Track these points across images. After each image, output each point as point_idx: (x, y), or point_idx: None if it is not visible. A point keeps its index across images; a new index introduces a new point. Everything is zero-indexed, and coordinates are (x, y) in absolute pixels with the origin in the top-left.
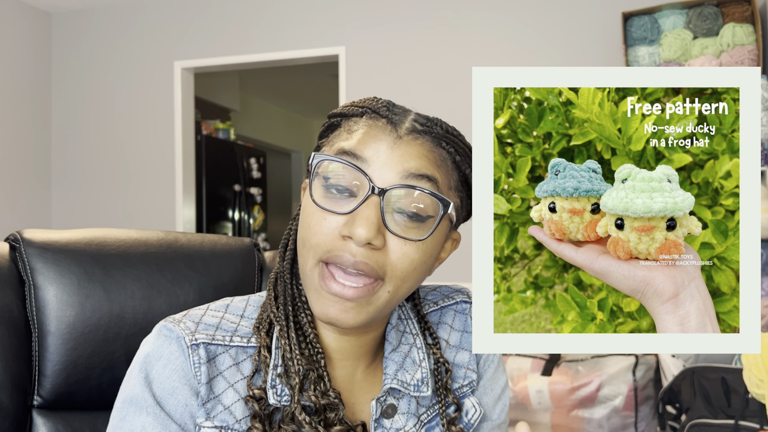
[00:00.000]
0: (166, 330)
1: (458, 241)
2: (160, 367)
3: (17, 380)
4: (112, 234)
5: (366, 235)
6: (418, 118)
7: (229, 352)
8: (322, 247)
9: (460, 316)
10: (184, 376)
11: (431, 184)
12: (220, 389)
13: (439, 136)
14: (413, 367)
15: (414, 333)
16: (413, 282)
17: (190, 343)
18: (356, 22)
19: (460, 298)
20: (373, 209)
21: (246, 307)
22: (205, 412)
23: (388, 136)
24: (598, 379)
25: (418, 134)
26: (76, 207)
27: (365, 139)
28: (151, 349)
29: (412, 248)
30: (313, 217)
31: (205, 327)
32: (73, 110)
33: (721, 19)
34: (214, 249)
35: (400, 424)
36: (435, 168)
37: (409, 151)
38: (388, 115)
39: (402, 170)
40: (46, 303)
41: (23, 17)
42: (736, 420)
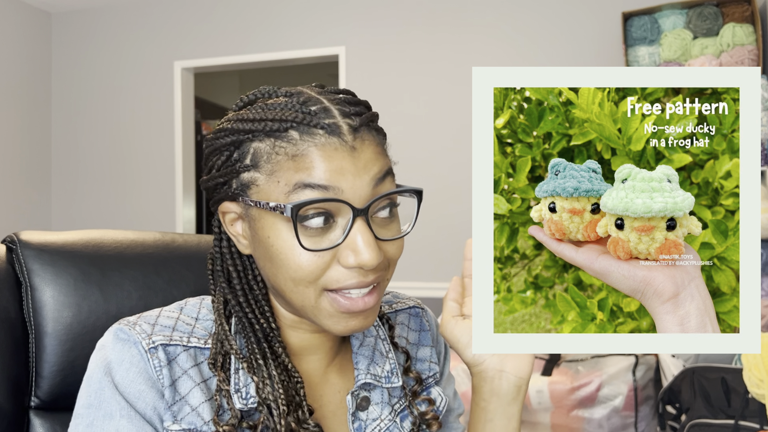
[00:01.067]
0: (123, 334)
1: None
2: (123, 371)
3: (14, 381)
4: (109, 235)
5: (375, 259)
6: (341, 110)
7: (189, 351)
8: (323, 280)
9: (415, 318)
10: (149, 379)
11: (391, 177)
12: (186, 389)
13: (366, 120)
14: (382, 359)
15: (375, 325)
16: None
17: (148, 347)
18: (356, 22)
19: (412, 304)
20: (366, 231)
21: (200, 309)
22: (172, 415)
23: (342, 151)
24: (598, 379)
25: (359, 133)
26: (75, 207)
27: (322, 165)
28: (111, 354)
29: (402, 239)
30: (303, 257)
31: (161, 328)
32: (73, 110)
33: (721, 19)
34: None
35: (375, 414)
36: (384, 156)
37: (367, 157)
38: (320, 123)
39: (370, 179)
40: (43, 304)
41: (23, 17)
42: (736, 420)
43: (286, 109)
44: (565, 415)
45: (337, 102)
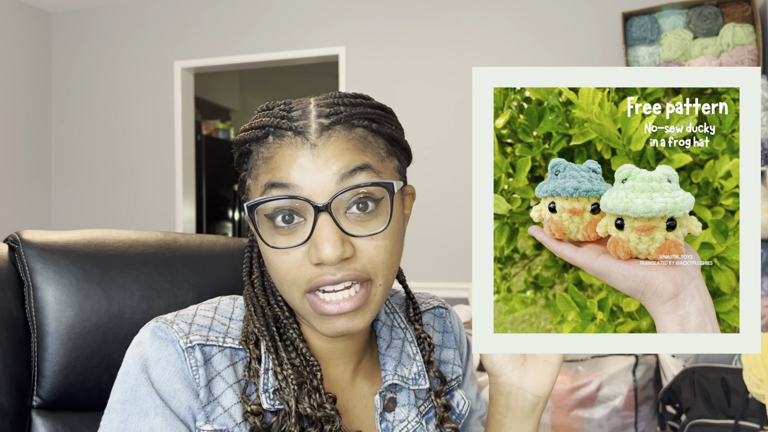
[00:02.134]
0: (161, 332)
1: (414, 193)
2: (160, 369)
3: (16, 381)
4: (111, 235)
5: (335, 253)
6: (320, 111)
7: (224, 352)
8: (301, 280)
9: (439, 319)
10: (185, 378)
11: (366, 172)
12: (219, 390)
13: (347, 117)
14: (409, 361)
15: (403, 327)
16: (396, 264)
17: (186, 345)
18: (356, 22)
19: (437, 304)
20: (329, 226)
21: (234, 309)
22: (205, 415)
23: (302, 149)
24: (598, 379)
25: (329, 130)
26: (76, 207)
27: (285, 164)
28: (148, 352)
29: (380, 239)
30: (277, 258)
31: (198, 328)
32: (73, 110)
33: (721, 19)
34: (212, 249)
35: (402, 415)
36: (361, 153)
37: (330, 153)
38: (291, 126)
39: (332, 174)
40: (45, 303)
41: (23, 17)
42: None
43: (266, 116)
44: (565, 415)
45: (325, 105)
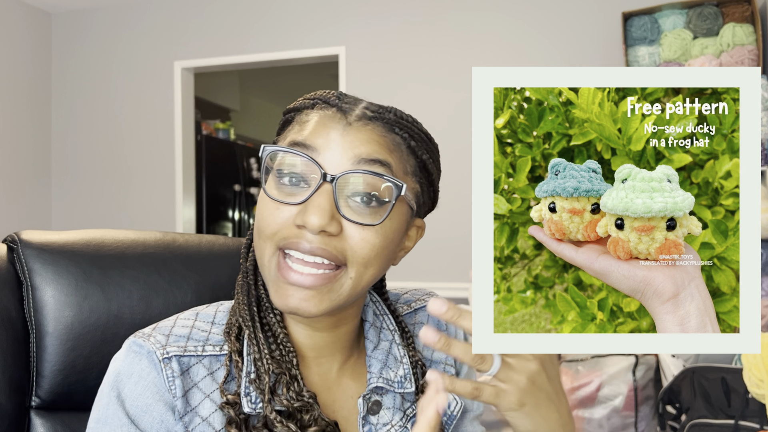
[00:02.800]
0: (136, 346)
1: (423, 229)
2: (132, 385)
3: (15, 381)
4: (110, 235)
5: (319, 222)
6: (369, 105)
7: (202, 362)
8: (278, 236)
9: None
10: (158, 392)
11: (384, 168)
12: (197, 401)
13: (391, 121)
14: (396, 364)
15: (391, 329)
16: (376, 269)
17: (162, 357)
18: (356, 22)
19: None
20: (326, 197)
21: (216, 313)
22: (183, 426)
23: (338, 123)
24: (598, 379)
25: (368, 120)
26: (76, 207)
27: (316, 129)
28: (121, 367)
29: (371, 233)
30: (267, 208)
31: (176, 339)
32: (73, 110)
33: (721, 19)
34: (211, 249)
35: (386, 419)
36: (387, 153)
37: (359, 137)
38: (338, 104)
39: (353, 156)
40: (44, 304)
41: (23, 17)
42: (736, 420)
43: (321, 91)
44: None
45: (377, 106)
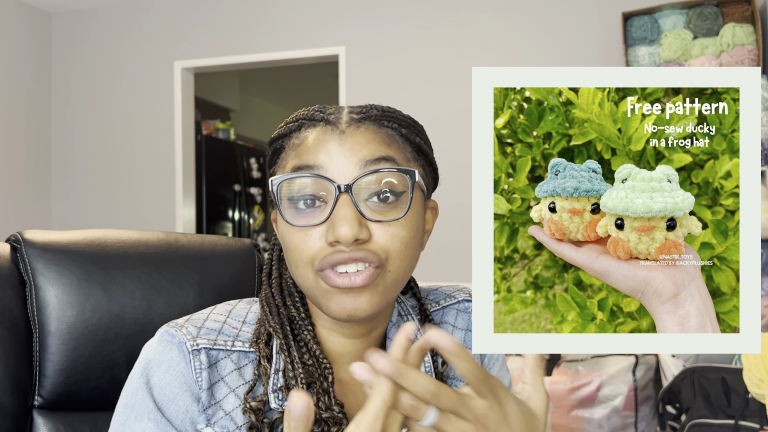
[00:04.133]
0: (168, 335)
1: (437, 209)
2: (161, 373)
3: (18, 380)
4: (113, 235)
5: (350, 232)
6: (352, 109)
7: (231, 357)
8: (315, 261)
9: (463, 315)
10: (185, 382)
11: (390, 162)
12: (222, 395)
13: (378, 117)
14: None
15: (417, 329)
16: (411, 259)
17: (192, 348)
18: (356, 22)
19: (462, 297)
20: (348, 207)
21: (248, 313)
22: (206, 418)
23: (332, 134)
24: (598, 379)
25: (358, 123)
26: (76, 207)
27: (313, 147)
28: (152, 355)
29: (398, 227)
30: (294, 237)
31: (207, 332)
32: (73, 110)
33: (721, 19)
34: (214, 250)
35: None
36: (386, 147)
37: (357, 141)
38: (323, 117)
39: (357, 160)
40: (47, 303)
41: (23, 17)
42: (736, 420)
43: (300, 112)
44: (565, 415)
45: (358, 107)
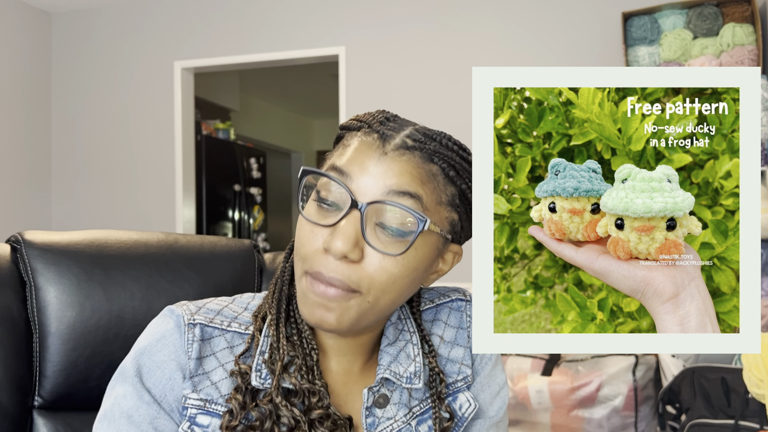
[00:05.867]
0: (168, 311)
1: (460, 255)
2: (154, 341)
3: (17, 381)
4: (113, 235)
5: (342, 248)
6: (413, 133)
7: (225, 336)
8: (306, 259)
9: (455, 313)
10: (174, 352)
11: (413, 200)
12: (211, 367)
13: (431, 151)
14: (407, 360)
15: (411, 331)
16: (395, 294)
17: (188, 321)
18: (356, 22)
19: (456, 296)
20: (352, 223)
21: (252, 301)
22: (192, 385)
23: (375, 152)
24: (598, 379)
25: (405, 150)
26: (76, 207)
27: (354, 156)
28: (151, 327)
29: (391, 262)
30: (303, 229)
31: (206, 311)
32: (73, 110)
33: (721, 19)
34: (213, 250)
35: (390, 413)
36: (419, 184)
37: (392, 168)
38: (381, 130)
39: (384, 186)
40: (47, 304)
41: (23, 17)
42: (736, 420)
43: (370, 115)
44: (565, 415)
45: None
